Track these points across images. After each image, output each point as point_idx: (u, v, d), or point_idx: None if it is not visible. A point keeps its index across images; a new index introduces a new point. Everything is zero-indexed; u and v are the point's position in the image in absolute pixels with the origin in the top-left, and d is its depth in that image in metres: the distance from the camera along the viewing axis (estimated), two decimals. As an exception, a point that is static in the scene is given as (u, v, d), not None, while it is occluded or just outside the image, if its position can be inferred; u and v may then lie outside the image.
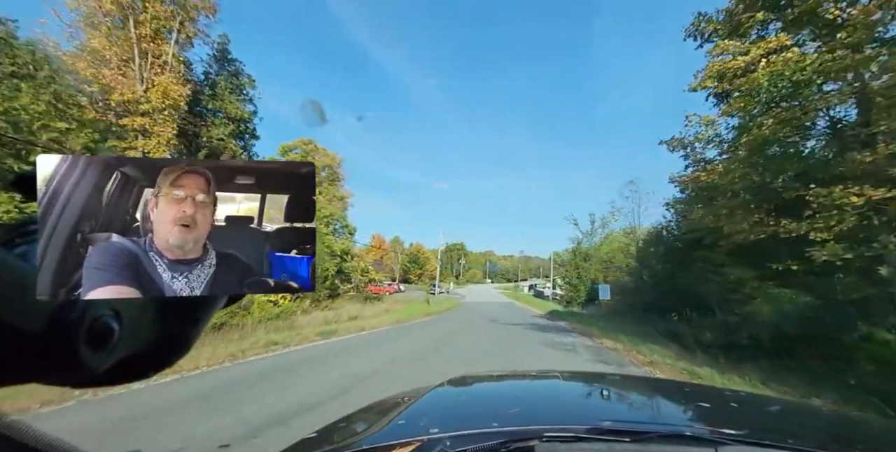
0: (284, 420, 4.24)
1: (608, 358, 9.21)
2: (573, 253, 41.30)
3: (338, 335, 11.33)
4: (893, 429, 1.54)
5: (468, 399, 1.64)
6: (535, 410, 1.37)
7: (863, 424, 1.52)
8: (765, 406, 1.58)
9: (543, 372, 2.17)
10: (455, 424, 1.11)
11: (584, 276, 37.56)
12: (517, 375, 2.21)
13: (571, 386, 1.83)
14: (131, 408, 4.50)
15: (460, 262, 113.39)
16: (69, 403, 4.57)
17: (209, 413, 4.48)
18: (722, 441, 0.90)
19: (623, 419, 1.22)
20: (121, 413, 4.34)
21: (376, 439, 1.07)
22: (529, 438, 0.92)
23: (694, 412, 1.40)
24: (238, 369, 6.90)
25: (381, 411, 1.44)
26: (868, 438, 1.26)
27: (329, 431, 1.37)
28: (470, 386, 1.84)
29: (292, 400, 4.94)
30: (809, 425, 1.36)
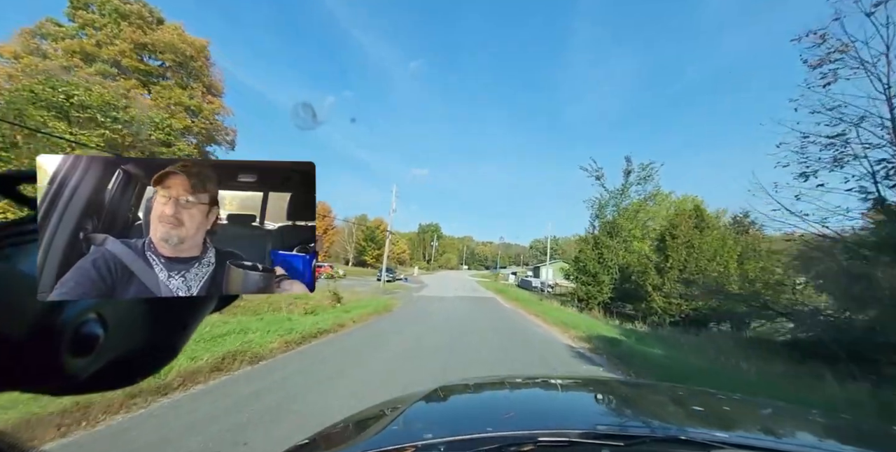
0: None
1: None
2: (592, 222, 27.85)
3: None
4: (885, 433, 1.50)
5: (462, 404, 1.62)
6: (530, 415, 1.36)
7: (855, 428, 1.49)
8: (758, 409, 1.60)
9: (538, 377, 2.22)
10: (449, 429, 1.10)
11: (607, 261, 24.21)
12: (511, 380, 2.09)
13: (566, 391, 1.80)
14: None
15: (433, 244, 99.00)
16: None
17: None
18: (715, 444, 0.91)
19: (617, 423, 1.21)
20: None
21: (370, 444, 1.03)
22: (524, 443, 0.92)
23: (688, 416, 1.41)
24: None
25: (374, 416, 1.43)
26: (859, 441, 1.27)
27: (322, 437, 1.35)
28: (464, 391, 1.78)
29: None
30: (802, 428, 1.37)
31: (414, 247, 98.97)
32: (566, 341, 10.30)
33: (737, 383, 6.39)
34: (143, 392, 4.14)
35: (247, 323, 8.13)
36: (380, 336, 9.28)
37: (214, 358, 5.48)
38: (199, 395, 4.53)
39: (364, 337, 8.96)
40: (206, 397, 4.49)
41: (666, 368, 7.27)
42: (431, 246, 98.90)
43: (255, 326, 7.87)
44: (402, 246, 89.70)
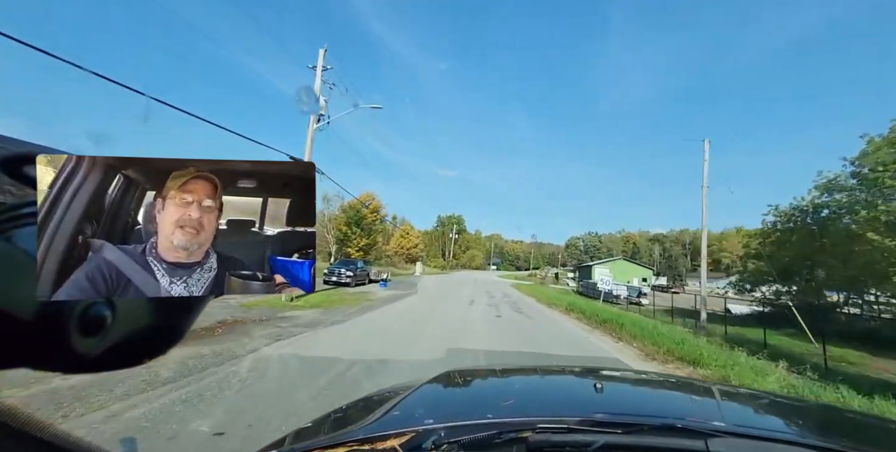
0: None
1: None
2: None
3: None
4: (878, 422, 1.51)
5: (462, 392, 1.64)
6: (529, 402, 1.36)
7: (850, 417, 1.50)
8: (754, 399, 1.60)
9: (537, 366, 2.32)
10: (450, 415, 1.12)
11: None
12: (511, 369, 2.17)
13: (565, 380, 1.86)
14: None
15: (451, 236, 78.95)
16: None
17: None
18: (712, 433, 0.91)
19: (615, 411, 1.20)
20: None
21: (371, 429, 1.04)
22: (523, 429, 0.93)
23: (685, 404, 1.44)
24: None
25: (376, 402, 1.42)
26: (855, 431, 1.30)
27: (324, 421, 1.35)
28: (464, 379, 1.78)
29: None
30: (798, 417, 1.37)
31: (431, 242, 79.66)
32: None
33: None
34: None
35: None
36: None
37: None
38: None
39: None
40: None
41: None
42: (451, 239, 78.84)
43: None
44: (414, 239, 70.53)
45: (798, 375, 7.71)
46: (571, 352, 7.84)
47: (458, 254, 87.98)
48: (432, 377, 1.61)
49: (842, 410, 1.61)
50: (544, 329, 10.84)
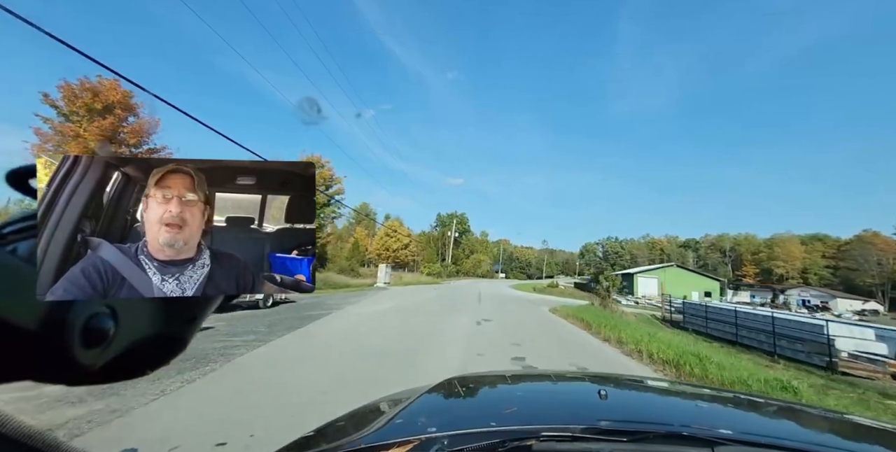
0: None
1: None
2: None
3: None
4: (887, 430, 1.44)
5: (465, 399, 1.62)
6: (533, 410, 1.36)
7: (857, 425, 1.47)
8: (760, 406, 1.59)
9: (541, 373, 2.24)
10: (452, 423, 1.11)
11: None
12: (515, 375, 2.14)
13: (569, 387, 1.83)
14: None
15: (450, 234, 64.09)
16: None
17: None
18: (718, 441, 0.90)
19: (620, 419, 1.19)
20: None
21: (374, 438, 1.04)
22: (527, 437, 0.92)
23: (690, 412, 1.41)
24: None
25: (378, 410, 1.44)
26: (862, 439, 1.27)
27: (327, 430, 1.36)
28: (467, 387, 1.75)
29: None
30: (804, 425, 1.36)
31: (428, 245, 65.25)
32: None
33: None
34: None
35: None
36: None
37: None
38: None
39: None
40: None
41: None
42: (451, 239, 64.14)
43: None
44: (403, 238, 56.19)
45: None
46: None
47: (460, 259, 73.40)
48: (435, 384, 1.62)
49: (850, 417, 1.45)
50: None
